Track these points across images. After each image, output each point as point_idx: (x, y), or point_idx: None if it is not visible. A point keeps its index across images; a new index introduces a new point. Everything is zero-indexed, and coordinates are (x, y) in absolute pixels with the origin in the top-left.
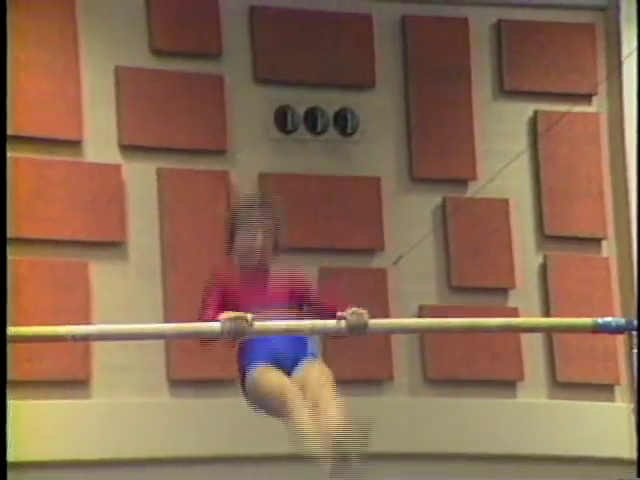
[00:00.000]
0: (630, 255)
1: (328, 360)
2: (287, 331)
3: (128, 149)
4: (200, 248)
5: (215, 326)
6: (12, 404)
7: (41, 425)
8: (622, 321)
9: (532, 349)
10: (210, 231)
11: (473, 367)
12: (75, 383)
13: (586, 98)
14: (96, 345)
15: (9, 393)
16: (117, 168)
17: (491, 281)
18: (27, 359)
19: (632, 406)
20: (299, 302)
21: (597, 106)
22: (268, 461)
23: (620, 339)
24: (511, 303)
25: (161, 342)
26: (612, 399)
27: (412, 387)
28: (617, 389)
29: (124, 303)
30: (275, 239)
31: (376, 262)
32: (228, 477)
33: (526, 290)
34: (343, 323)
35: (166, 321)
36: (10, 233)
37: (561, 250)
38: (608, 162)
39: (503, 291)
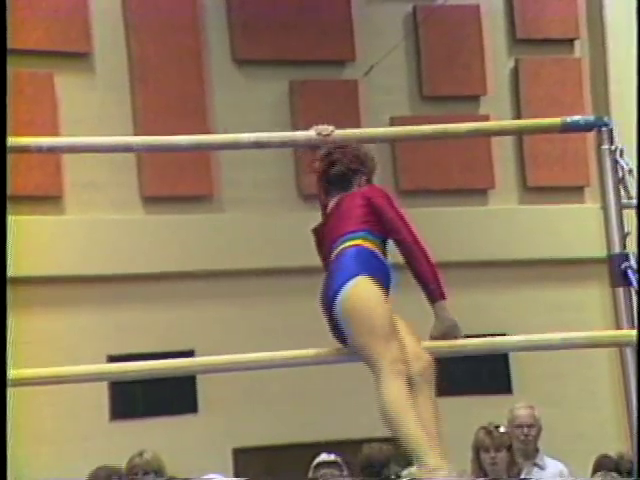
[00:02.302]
0: (603, 55)
1: (301, 172)
2: None
3: None
4: (169, 61)
5: None
6: None
7: (14, 241)
8: (591, 119)
9: (503, 156)
10: (178, 44)
11: (445, 177)
12: (47, 199)
13: None
14: (67, 162)
15: None
16: None
17: (463, 89)
18: None
19: (601, 206)
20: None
21: None
22: (242, 276)
23: (590, 141)
24: (483, 110)
25: (133, 159)
26: (582, 201)
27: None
28: (587, 190)
29: (92, 117)
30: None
31: (347, 73)
32: (203, 292)
33: (498, 96)
34: (313, 133)
35: (136, 135)
36: None
37: (533, 54)
38: None
39: (475, 99)
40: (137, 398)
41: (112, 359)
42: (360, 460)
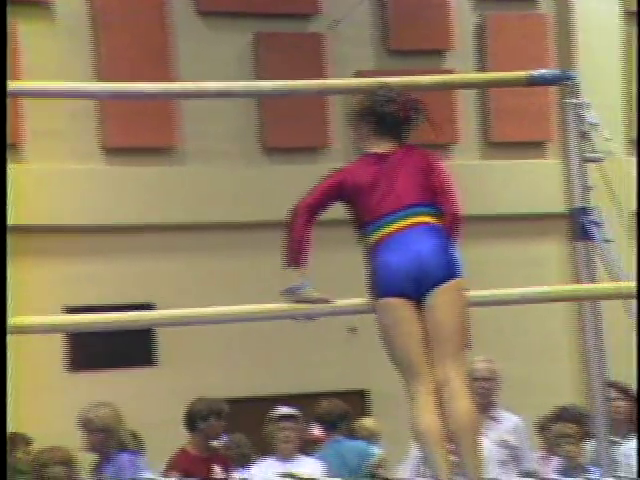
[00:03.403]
0: (567, 11)
1: (264, 125)
2: None
3: None
4: (131, 10)
5: None
6: None
7: None
8: (557, 72)
9: (466, 112)
10: None
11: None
12: (7, 147)
13: None
14: (28, 109)
15: None
16: None
17: (428, 43)
18: None
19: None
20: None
21: None
22: (204, 229)
23: (553, 97)
24: (447, 65)
25: (94, 109)
26: (544, 156)
27: (347, 153)
28: (549, 145)
29: (53, 65)
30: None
31: (312, 27)
32: (163, 245)
33: (462, 51)
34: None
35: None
36: None
37: (498, 9)
38: None
39: (440, 53)
40: (95, 350)
41: (69, 310)
42: (318, 413)
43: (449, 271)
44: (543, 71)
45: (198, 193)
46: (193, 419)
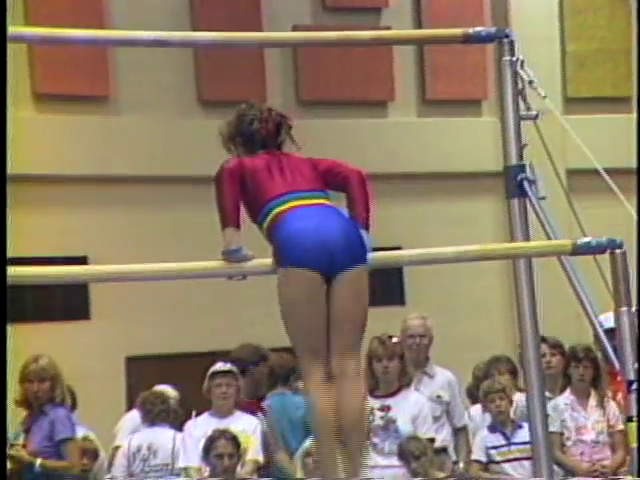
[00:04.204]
0: None
1: (200, 77)
2: None
3: None
4: None
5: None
6: None
7: None
8: (492, 30)
9: (403, 69)
10: None
11: (345, 88)
12: None
13: None
14: None
15: None
16: None
17: (365, 1)
18: None
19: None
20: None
21: None
22: (137, 182)
23: (489, 55)
24: (384, 22)
25: (24, 55)
26: (479, 114)
27: (285, 108)
28: (484, 104)
29: None
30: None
31: None
32: (96, 197)
33: (399, 9)
34: None
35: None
36: None
37: None
38: None
39: (376, 10)
40: (27, 302)
41: None
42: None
43: (357, 255)
44: (479, 29)
45: (132, 145)
46: (245, 365)
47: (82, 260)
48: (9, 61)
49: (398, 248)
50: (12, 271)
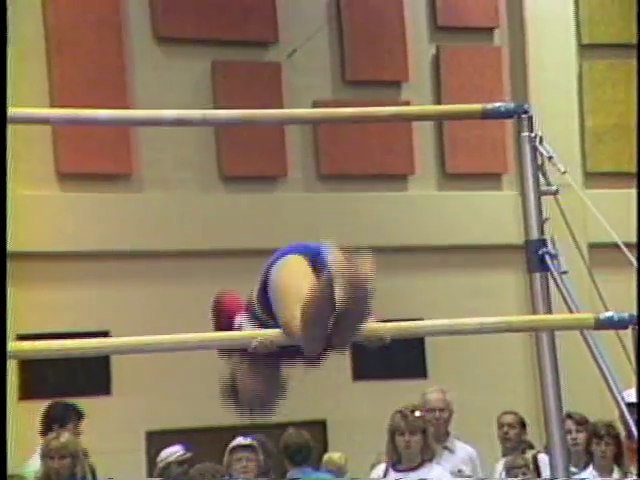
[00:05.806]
0: (522, 44)
1: (221, 153)
2: None
3: None
4: (87, 34)
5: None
6: None
7: None
8: (511, 106)
9: (422, 143)
10: (97, 17)
11: (365, 162)
12: None
13: None
14: None
15: None
16: None
17: (384, 74)
18: None
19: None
20: None
21: None
22: (160, 257)
23: (508, 129)
24: (404, 96)
25: (49, 134)
26: (500, 188)
27: (306, 183)
28: (505, 178)
29: (9, 90)
30: None
31: (270, 55)
32: (119, 273)
33: (419, 82)
34: None
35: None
36: None
37: (454, 41)
38: None
39: (396, 84)
40: (47, 378)
41: (22, 338)
42: (285, 444)
43: None
44: (498, 104)
45: (154, 221)
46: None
47: (104, 334)
48: (32, 142)
49: (419, 319)
50: (34, 345)
